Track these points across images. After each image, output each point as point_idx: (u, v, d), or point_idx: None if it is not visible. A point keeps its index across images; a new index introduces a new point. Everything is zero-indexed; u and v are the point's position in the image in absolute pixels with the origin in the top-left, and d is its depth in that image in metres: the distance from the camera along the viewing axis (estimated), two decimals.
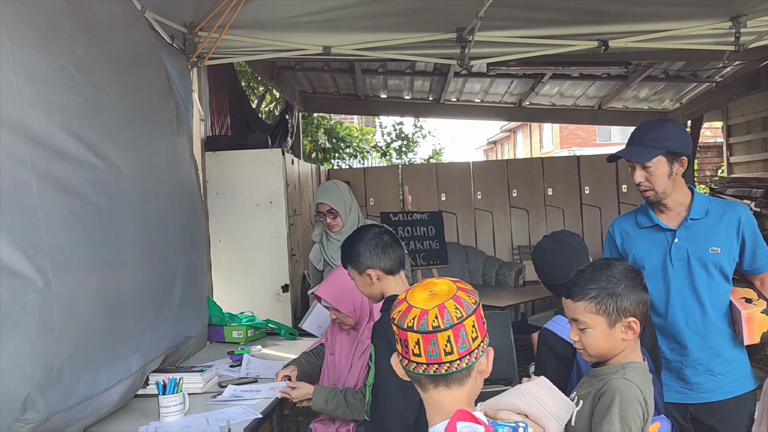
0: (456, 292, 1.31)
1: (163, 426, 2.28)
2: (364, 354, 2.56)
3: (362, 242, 2.16)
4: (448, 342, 1.27)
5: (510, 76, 7.37)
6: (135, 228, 2.37)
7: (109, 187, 2.15)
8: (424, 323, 1.28)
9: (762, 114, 7.14)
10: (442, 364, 1.28)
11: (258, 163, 4.40)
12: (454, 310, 1.28)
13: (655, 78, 7.20)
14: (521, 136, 27.04)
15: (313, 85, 8.01)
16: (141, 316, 2.42)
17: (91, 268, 2.01)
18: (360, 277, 2.17)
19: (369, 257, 2.13)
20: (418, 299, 1.32)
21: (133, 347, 2.33)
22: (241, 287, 4.39)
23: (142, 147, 2.51)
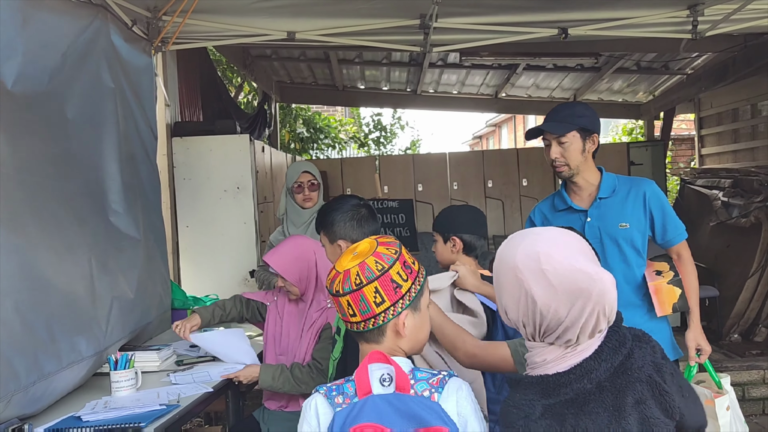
0: (367, 257, 1.39)
1: (113, 400, 2.32)
2: (311, 327, 2.59)
3: (339, 212, 2.16)
4: (349, 306, 1.37)
5: (485, 67, 7.43)
6: (88, 206, 2.36)
7: (58, 161, 2.14)
8: (331, 286, 1.41)
9: (732, 106, 7.25)
10: (350, 323, 1.40)
11: (226, 148, 4.42)
12: (354, 277, 1.36)
13: (627, 70, 7.28)
14: (506, 130, 27.14)
15: (290, 75, 8.02)
16: (84, 298, 2.41)
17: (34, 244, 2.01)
18: (330, 245, 2.17)
19: (343, 227, 2.13)
20: (342, 260, 1.43)
21: (77, 328, 2.32)
22: (208, 272, 4.42)
23: (85, 127, 2.50)
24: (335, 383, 1.36)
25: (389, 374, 1.29)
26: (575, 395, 1.18)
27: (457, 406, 1.31)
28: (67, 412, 2.17)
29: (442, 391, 1.30)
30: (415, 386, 1.29)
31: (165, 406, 2.15)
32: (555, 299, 1.19)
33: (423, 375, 1.32)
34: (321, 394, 1.35)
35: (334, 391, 1.33)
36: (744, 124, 7.15)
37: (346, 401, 1.29)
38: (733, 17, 3.58)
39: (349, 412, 1.26)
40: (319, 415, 1.32)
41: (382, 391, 1.28)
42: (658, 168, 7.85)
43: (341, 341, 2.06)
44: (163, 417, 2.07)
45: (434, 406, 1.26)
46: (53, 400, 2.22)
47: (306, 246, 2.67)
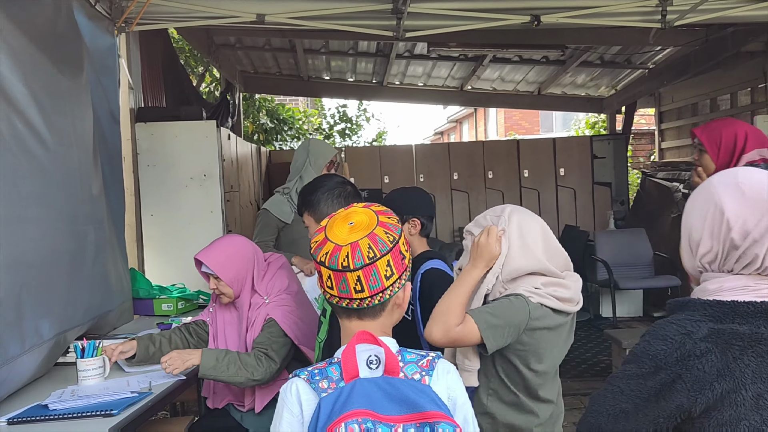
0: (374, 228, 1.28)
1: (80, 389, 2.21)
2: (253, 327, 2.44)
3: (324, 189, 2.08)
4: (358, 281, 1.24)
5: (452, 59, 7.43)
6: (35, 184, 2.24)
7: (9, 148, 2.02)
8: (334, 261, 1.25)
9: (692, 100, 7.41)
10: (353, 300, 1.27)
11: (192, 135, 4.29)
12: (366, 250, 1.24)
13: (591, 64, 7.38)
14: (467, 126, 27.35)
15: (254, 65, 7.89)
16: (47, 278, 2.29)
17: None
18: (316, 225, 2.03)
19: (330, 206, 2.06)
20: (336, 232, 1.29)
21: (42, 311, 2.21)
22: (173, 262, 4.29)
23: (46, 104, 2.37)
24: (317, 366, 1.25)
25: (377, 356, 1.20)
26: (750, 330, 1.08)
27: (448, 390, 1.23)
28: (31, 403, 2.06)
29: (432, 373, 1.22)
30: (404, 369, 1.20)
31: (137, 394, 2.05)
32: (745, 207, 1.11)
33: (411, 357, 1.24)
34: (302, 378, 1.22)
35: (317, 375, 1.22)
36: (704, 118, 7.31)
37: (331, 386, 1.19)
38: (701, 7, 3.64)
39: (336, 397, 1.15)
40: (301, 402, 1.20)
41: (369, 375, 1.19)
42: (620, 161, 7.99)
43: (327, 323, 2.00)
44: (135, 404, 1.98)
45: (426, 389, 1.18)
46: (15, 387, 2.11)
47: (243, 244, 2.53)
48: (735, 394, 1.05)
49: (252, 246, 2.52)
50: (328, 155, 3.40)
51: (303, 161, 3.46)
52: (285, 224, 3.36)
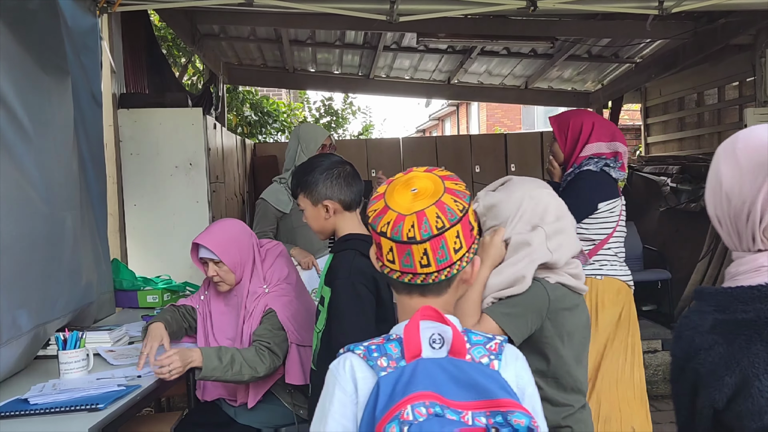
0: (441, 196, 1.13)
1: (62, 382, 2.08)
2: (251, 318, 2.33)
3: (321, 169, 1.95)
4: (425, 254, 1.11)
5: (439, 52, 7.34)
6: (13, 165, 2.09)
7: None
8: (398, 231, 1.11)
9: (678, 94, 7.40)
10: (417, 275, 1.14)
11: (177, 122, 4.15)
12: (434, 220, 1.11)
13: (579, 57, 7.33)
14: (449, 123, 27.34)
15: (239, 56, 7.73)
16: (22, 265, 2.15)
17: None
18: (313, 208, 1.97)
19: (329, 186, 1.94)
20: (397, 200, 1.14)
21: (19, 301, 2.07)
22: (157, 253, 4.15)
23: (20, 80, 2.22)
24: (373, 342, 1.11)
25: (441, 335, 1.08)
26: (755, 316, 0.99)
27: (516, 377, 1.11)
28: (9, 398, 1.92)
29: (501, 358, 1.09)
30: (471, 351, 1.08)
31: (124, 387, 1.93)
32: (740, 176, 1.03)
33: (478, 338, 1.11)
34: (357, 354, 1.09)
35: (375, 351, 1.09)
36: (690, 112, 7.32)
37: (391, 364, 1.06)
38: None
39: (397, 378, 1.03)
40: (356, 380, 1.07)
41: (432, 355, 1.07)
42: None
43: (325, 311, 1.89)
44: (122, 398, 1.86)
45: (495, 375, 1.05)
46: None
47: (241, 228, 2.45)
48: (749, 386, 0.98)
49: (250, 230, 2.42)
50: (319, 139, 3.29)
51: (295, 148, 3.35)
52: (283, 214, 3.27)
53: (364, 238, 1.89)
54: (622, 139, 2.80)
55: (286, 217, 3.27)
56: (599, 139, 2.76)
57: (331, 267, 1.89)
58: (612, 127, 2.83)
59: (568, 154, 2.80)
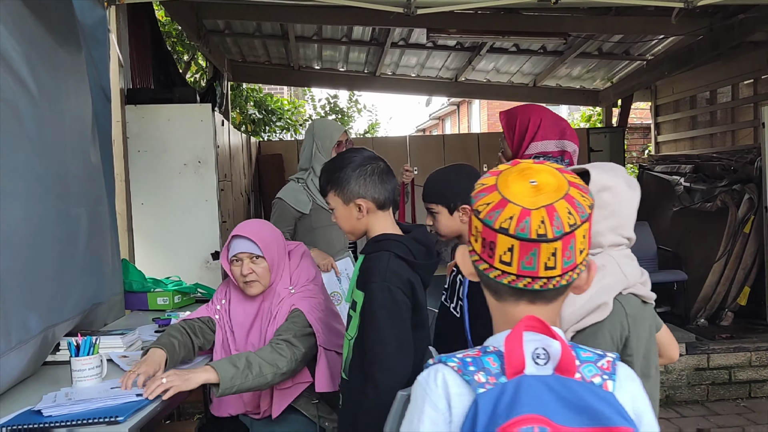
0: (568, 190, 0.99)
1: (75, 391, 1.95)
2: (275, 321, 2.16)
3: (354, 165, 1.80)
4: (553, 255, 0.96)
5: (447, 49, 7.23)
6: (27, 157, 1.95)
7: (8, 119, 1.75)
8: (525, 228, 0.95)
9: (690, 92, 7.30)
10: (536, 279, 0.98)
11: (185, 118, 4.03)
12: (566, 216, 0.96)
13: (589, 55, 7.22)
14: (450, 123, 27.23)
15: (243, 53, 7.61)
16: (34, 264, 2.01)
17: None
18: (345, 207, 1.82)
19: (363, 184, 1.79)
20: (516, 192, 0.99)
21: (29, 302, 1.94)
22: (165, 253, 4.03)
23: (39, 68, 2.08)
24: (467, 354, 0.98)
25: (546, 349, 0.96)
26: None
27: (633, 401, 0.97)
28: (19, 408, 1.80)
29: (615, 378, 0.95)
30: (581, 369, 0.95)
31: (144, 398, 1.80)
32: None
33: (587, 354, 0.98)
34: (451, 367, 0.96)
35: (471, 364, 0.95)
36: (702, 110, 7.21)
37: (490, 380, 0.93)
38: None
39: (498, 396, 0.91)
40: (450, 396, 0.95)
41: (536, 372, 0.94)
42: (617, 155, 7.86)
43: (357, 317, 1.77)
44: (143, 409, 1.73)
45: (609, 398, 0.92)
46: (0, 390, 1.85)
47: (275, 228, 2.31)
48: None
49: (279, 231, 2.29)
50: (335, 135, 3.16)
51: (311, 147, 3.20)
52: (302, 214, 3.12)
53: (399, 239, 1.76)
54: (573, 137, 2.63)
55: (305, 218, 3.12)
56: (546, 136, 2.60)
57: (364, 270, 1.76)
58: (562, 123, 2.66)
59: (515, 151, 2.66)
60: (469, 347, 1.92)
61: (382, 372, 1.63)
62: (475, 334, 1.88)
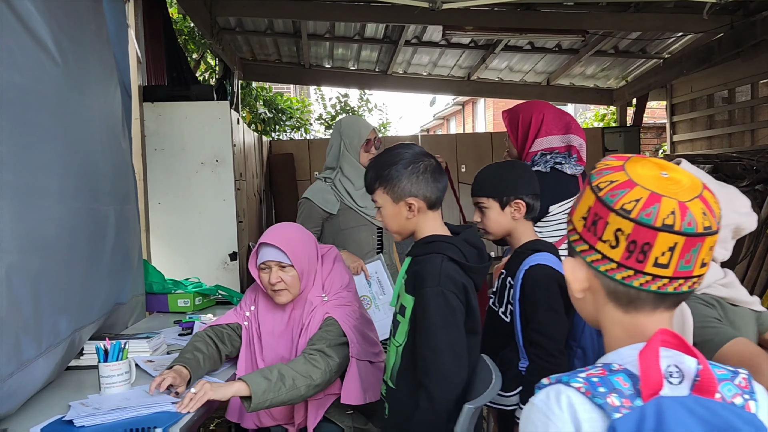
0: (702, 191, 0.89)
1: (104, 399, 1.87)
2: (308, 329, 2.06)
3: (405, 162, 1.69)
4: (711, 249, 0.88)
5: (461, 47, 7.14)
6: (58, 153, 1.86)
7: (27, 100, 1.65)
8: (692, 222, 0.86)
9: (710, 91, 7.20)
10: (688, 279, 0.88)
11: (203, 116, 3.95)
12: (715, 205, 0.89)
13: (604, 53, 7.13)
14: (454, 123, 27.14)
15: (254, 52, 7.52)
16: (65, 266, 1.92)
17: (2, 191, 1.51)
18: (394, 206, 1.72)
19: (415, 182, 1.69)
20: (662, 186, 0.88)
21: (60, 305, 1.85)
22: (183, 254, 3.95)
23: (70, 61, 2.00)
24: (592, 374, 0.87)
25: (678, 366, 0.86)
26: None
27: None
28: (45, 416, 1.71)
29: (756, 397, 0.86)
30: (720, 388, 0.85)
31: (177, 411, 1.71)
32: None
33: (722, 372, 0.88)
34: (576, 388, 0.86)
35: (600, 385, 0.85)
36: (720, 109, 7.11)
37: (625, 403, 0.83)
38: None
39: (638, 421, 0.81)
40: (579, 421, 0.84)
41: (671, 392, 0.84)
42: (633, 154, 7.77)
43: (407, 323, 1.67)
44: (180, 419, 1.64)
45: (754, 420, 0.83)
46: (26, 397, 1.76)
47: (306, 231, 2.19)
48: None
49: (312, 235, 2.18)
50: (363, 133, 3.05)
51: (338, 145, 3.08)
52: (329, 215, 3.01)
53: (451, 241, 1.67)
54: (578, 131, 2.55)
55: (332, 219, 3.02)
56: (550, 132, 2.52)
57: (414, 273, 1.66)
58: (566, 118, 2.58)
59: (519, 149, 2.58)
60: (520, 353, 1.83)
61: (436, 382, 1.54)
62: (526, 339, 1.79)
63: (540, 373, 1.72)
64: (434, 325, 1.56)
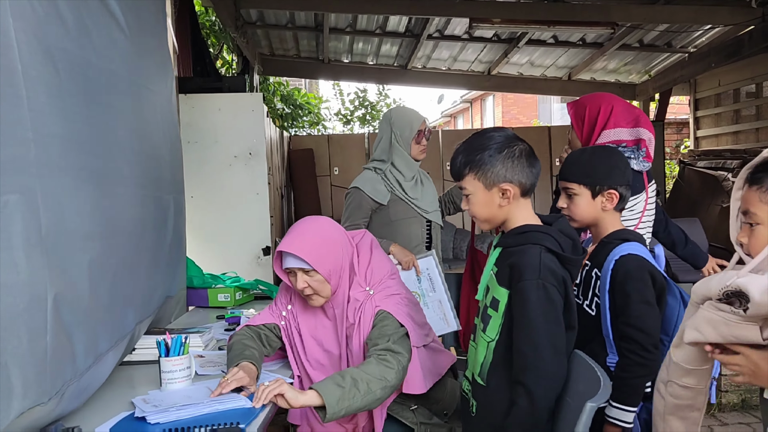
0: None
1: (166, 395, 1.79)
2: (360, 327, 1.95)
3: (499, 146, 1.60)
4: None
5: (484, 41, 7.05)
6: (129, 136, 1.78)
7: (101, 80, 1.57)
8: None
9: (736, 85, 7.09)
10: None
11: (236, 108, 3.87)
12: None
13: (629, 47, 7.03)
14: (462, 120, 27.04)
15: (272, 46, 7.46)
16: (137, 257, 1.85)
17: (83, 173, 1.44)
18: (486, 192, 1.62)
19: (510, 167, 1.59)
20: None
21: (129, 296, 1.78)
22: (216, 249, 3.88)
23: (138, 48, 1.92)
24: None
25: None
26: None
27: None
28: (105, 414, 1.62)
29: None
30: None
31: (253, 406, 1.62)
32: None
33: None
34: None
35: None
36: (747, 104, 7.01)
37: None
38: None
39: None
40: None
41: None
42: (657, 150, 7.66)
43: (500, 317, 1.58)
44: (260, 415, 1.56)
45: None
46: (92, 392, 1.68)
47: (331, 225, 2.03)
48: None
49: (338, 226, 2.04)
50: (415, 124, 2.96)
51: (388, 136, 2.98)
52: (379, 205, 2.92)
53: (547, 231, 1.58)
54: (647, 124, 2.45)
55: (382, 210, 2.92)
56: (618, 124, 2.42)
57: (510, 265, 1.57)
58: (636, 111, 2.48)
59: (584, 142, 2.48)
60: (608, 348, 1.75)
61: (537, 380, 1.46)
62: (616, 333, 1.71)
63: (633, 369, 1.65)
64: (534, 320, 1.48)
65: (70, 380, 1.35)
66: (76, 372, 1.38)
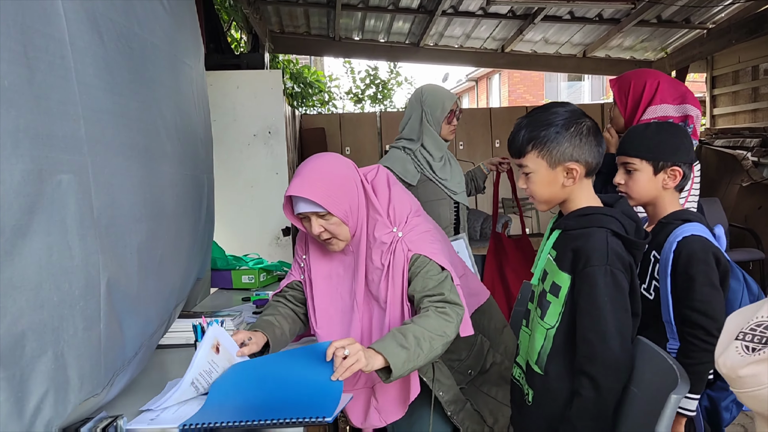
0: None
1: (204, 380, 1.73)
2: (392, 272, 1.77)
3: (565, 122, 1.50)
4: None
5: (498, 17, 6.92)
6: (170, 113, 1.70)
7: (145, 53, 1.49)
8: None
9: (757, 62, 6.96)
10: None
11: (255, 86, 3.79)
12: None
13: (647, 23, 6.89)
14: (468, 99, 26.84)
15: (282, 24, 7.33)
16: (179, 237, 1.78)
17: (131, 152, 1.37)
18: (549, 171, 1.53)
19: (578, 144, 1.50)
20: None
21: (171, 277, 1.71)
22: (234, 230, 3.81)
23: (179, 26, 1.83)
24: None
25: None
26: None
27: None
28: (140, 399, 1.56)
29: None
30: None
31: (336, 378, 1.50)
32: None
33: None
34: None
35: None
36: (766, 81, 6.88)
37: None
38: None
39: None
40: None
41: None
42: None
43: (560, 304, 1.50)
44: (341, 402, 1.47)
45: None
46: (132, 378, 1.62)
47: (341, 162, 1.82)
48: None
49: (348, 161, 1.85)
50: (447, 104, 2.86)
51: (418, 115, 2.87)
52: (408, 185, 2.84)
53: (611, 213, 1.50)
54: (694, 101, 2.36)
55: (411, 190, 2.85)
56: (665, 100, 2.33)
57: (573, 249, 1.49)
58: (682, 87, 2.39)
59: (628, 119, 2.39)
60: (668, 333, 1.69)
61: (604, 371, 1.40)
62: (678, 318, 1.65)
63: (697, 355, 1.59)
64: (602, 308, 1.41)
65: (120, 369, 1.30)
66: (125, 361, 1.33)
